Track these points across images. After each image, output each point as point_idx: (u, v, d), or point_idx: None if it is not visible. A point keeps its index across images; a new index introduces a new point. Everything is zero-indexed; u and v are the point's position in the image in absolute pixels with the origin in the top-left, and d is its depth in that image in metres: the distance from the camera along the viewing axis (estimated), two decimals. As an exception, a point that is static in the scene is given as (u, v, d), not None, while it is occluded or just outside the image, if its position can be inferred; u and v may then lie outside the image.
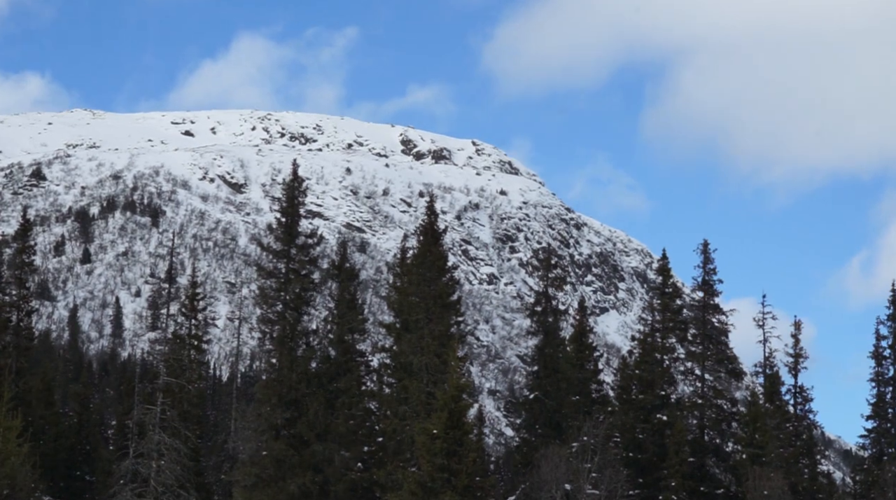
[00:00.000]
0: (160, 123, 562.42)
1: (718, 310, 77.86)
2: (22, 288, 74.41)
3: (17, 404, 64.31)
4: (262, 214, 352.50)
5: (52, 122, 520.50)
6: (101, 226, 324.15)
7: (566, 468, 63.14)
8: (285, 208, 66.74)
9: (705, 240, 78.45)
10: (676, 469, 69.69)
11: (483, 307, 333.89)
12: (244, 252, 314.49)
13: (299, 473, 61.72)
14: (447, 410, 52.39)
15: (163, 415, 60.24)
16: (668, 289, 78.42)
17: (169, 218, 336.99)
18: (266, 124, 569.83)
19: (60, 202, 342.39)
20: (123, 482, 59.59)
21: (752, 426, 72.08)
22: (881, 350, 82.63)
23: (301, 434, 62.90)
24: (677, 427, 71.58)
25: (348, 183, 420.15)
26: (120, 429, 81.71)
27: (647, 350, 77.23)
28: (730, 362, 78.01)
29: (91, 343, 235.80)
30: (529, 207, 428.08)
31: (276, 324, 64.76)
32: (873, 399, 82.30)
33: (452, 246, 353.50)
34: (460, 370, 56.44)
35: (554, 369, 74.10)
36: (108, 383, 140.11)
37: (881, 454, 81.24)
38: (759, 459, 70.49)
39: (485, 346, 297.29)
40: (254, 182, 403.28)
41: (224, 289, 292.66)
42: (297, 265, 65.59)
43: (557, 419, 72.68)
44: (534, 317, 77.48)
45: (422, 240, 67.02)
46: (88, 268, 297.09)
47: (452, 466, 51.79)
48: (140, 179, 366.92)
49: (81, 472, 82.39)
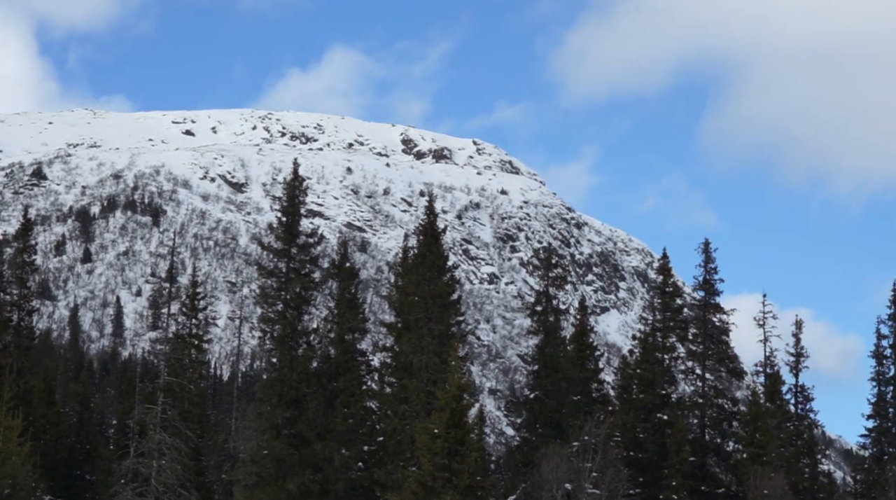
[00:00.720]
0: (161, 122, 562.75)
1: (719, 309, 77.82)
2: (23, 288, 74.42)
3: (18, 404, 64.36)
4: (263, 214, 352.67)
5: (52, 121, 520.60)
6: (102, 225, 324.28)
7: (567, 468, 63.10)
8: (286, 208, 66.71)
9: (706, 239, 78.38)
10: (677, 469, 69.65)
11: (484, 307, 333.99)
12: (245, 252, 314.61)
13: (299, 472, 61.73)
14: (448, 409, 52.37)
15: (163, 414, 60.26)
16: (669, 288, 78.36)
17: (170, 217, 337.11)
18: (267, 124, 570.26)
19: (61, 202, 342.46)
20: (124, 482, 59.61)
21: (753, 425, 72.06)
22: (882, 350, 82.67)
23: (301, 434, 62.90)
24: (678, 427, 71.54)
25: (349, 182, 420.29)
26: (121, 428, 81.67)
27: (648, 350, 77.16)
28: (731, 362, 77.96)
29: (92, 343, 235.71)
30: (530, 207, 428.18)
31: (277, 323, 64.73)
32: (874, 399, 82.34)
33: (453, 245, 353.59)
34: (461, 370, 56.37)
35: (554, 368, 74.01)
36: (108, 382, 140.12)
37: (882, 453, 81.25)
38: (759, 458, 70.47)
39: (485, 345, 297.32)
40: (254, 181, 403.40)
41: (225, 288, 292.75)
42: (298, 265, 65.58)
43: (558, 418, 72.59)
44: (534, 316, 77.36)
45: (422, 239, 66.99)
46: (89, 267, 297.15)
47: (453, 465, 51.77)
48: (141, 179, 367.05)
49: (82, 471, 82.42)
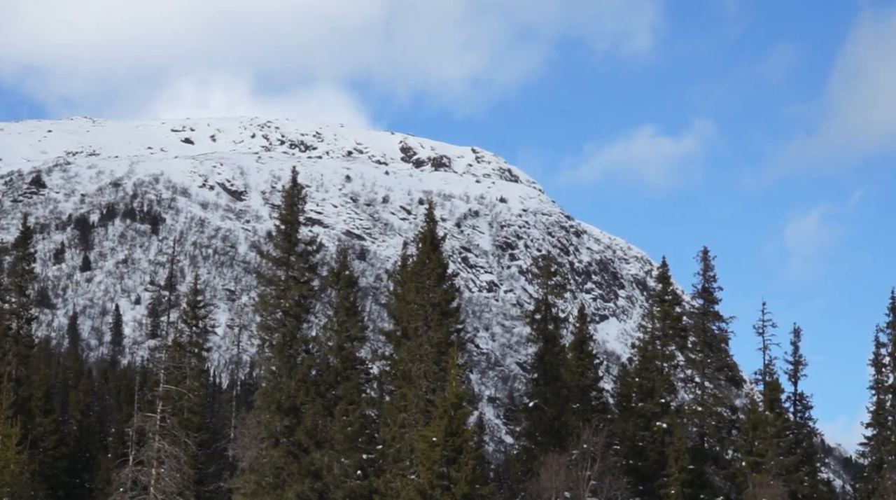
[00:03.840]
0: (160, 130, 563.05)
1: (718, 317, 77.85)
2: (21, 296, 74.43)
3: (17, 412, 64.47)
4: (262, 222, 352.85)
5: (51, 129, 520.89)
6: (101, 233, 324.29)
7: (566, 476, 63.11)
8: (285, 216, 66.72)
9: (704, 247, 78.46)
10: (676, 477, 69.64)
11: (483, 315, 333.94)
12: (244, 260, 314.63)
13: (298, 480, 61.67)
14: (447, 417, 52.39)
15: (163, 423, 60.22)
16: (668, 296, 78.40)
17: (169, 225, 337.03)
18: (266, 132, 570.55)
19: (60, 210, 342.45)
20: (123, 490, 59.55)
21: (752, 433, 72.06)
22: (881, 358, 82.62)
23: (300, 442, 62.86)
24: (677, 435, 71.53)
25: (348, 190, 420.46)
26: (120, 437, 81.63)
27: (647, 358, 77.18)
28: (730, 370, 77.99)
29: (91, 351, 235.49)
30: (529, 215, 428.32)
31: (276, 331, 64.71)
32: (873, 407, 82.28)
33: (452, 253, 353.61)
34: (460, 378, 56.41)
35: (554, 376, 74.00)
36: (107, 390, 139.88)
37: (881, 461, 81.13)
38: (758, 466, 70.47)
39: (484, 353, 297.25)
40: (253, 190, 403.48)
41: (224, 296, 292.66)
42: (297, 273, 65.57)
43: (557, 426, 72.57)
44: (533, 325, 77.37)
45: (422, 247, 66.98)
46: (88, 275, 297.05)
47: (452, 473, 51.76)
48: (140, 187, 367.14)
49: (81, 479, 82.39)
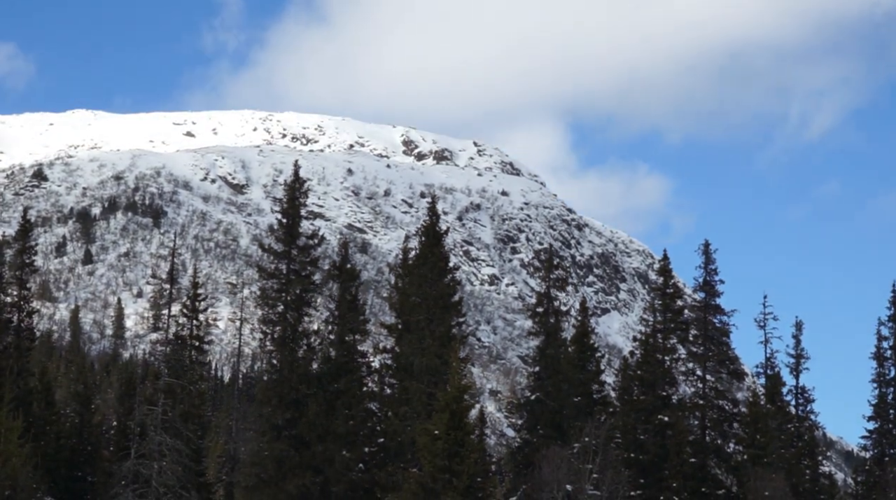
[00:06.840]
0: (161, 123, 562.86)
1: (720, 311, 77.77)
2: (23, 289, 74.26)
3: (19, 405, 64.40)
4: (264, 215, 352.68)
5: (53, 122, 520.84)
6: (103, 227, 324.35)
7: (567, 469, 63.08)
8: (286, 209, 66.70)
9: (706, 240, 78.31)
10: (678, 470, 69.62)
11: (484, 308, 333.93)
12: (245, 253, 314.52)
13: (300, 473, 61.71)
14: (448, 411, 52.37)
15: (164, 416, 60.25)
16: (670, 290, 78.30)
17: (170, 219, 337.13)
18: (267, 125, 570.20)
19: (62, 203, 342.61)
20: (125, 483, 59.61)
21: (754, 426, 72.05)
22: (882, 351, 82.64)
23: (302, 435, 62.87)
24: (679, 428, 71.50)
25: (350, 184, 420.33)
26: (121, 430, 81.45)
27: (649, 351, 77.08)
28: (731, 363, 77.91)
29: (92, 344, 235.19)
30: (531, 208, 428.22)
31: (278, 325, 64.73)
32: (875, 400, 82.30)
33: (454, 247, 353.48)
34: (461, 371, 56.41)
35: (555, 370, 73.97)
36: (109, 384, 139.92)
37: (883, 455, 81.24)
38: (760, 460, 70.47)
39: (486, 347, 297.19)
40: (255, 183, 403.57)
41: (225, 290, 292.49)
42: (299, 266, 65.58)
43: (559, 419, 72.56)
44: (535, 318, 77.33)
45: (423, 241, 66.99)
46: (90, 269, 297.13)
47: (454, 467, 51.76)
48: (141, 180, 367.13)
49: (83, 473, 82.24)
